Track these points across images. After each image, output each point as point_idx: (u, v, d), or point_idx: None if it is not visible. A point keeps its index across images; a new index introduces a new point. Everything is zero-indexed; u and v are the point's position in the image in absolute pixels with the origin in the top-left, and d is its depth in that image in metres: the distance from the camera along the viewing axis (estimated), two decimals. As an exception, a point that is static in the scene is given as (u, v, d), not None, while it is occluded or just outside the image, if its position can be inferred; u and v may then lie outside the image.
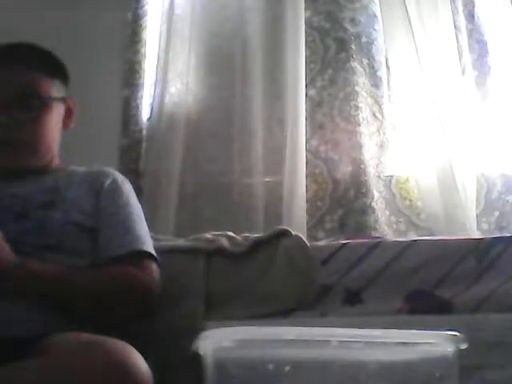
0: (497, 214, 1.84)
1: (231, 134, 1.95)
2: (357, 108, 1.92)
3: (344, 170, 1.89)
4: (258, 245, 1.54)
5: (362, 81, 1.95)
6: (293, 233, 1.55)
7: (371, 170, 1.88)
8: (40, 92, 1.39)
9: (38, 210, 1.29)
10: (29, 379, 0.93)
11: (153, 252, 1.34)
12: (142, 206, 1.49)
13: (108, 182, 1.41)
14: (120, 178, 1.46)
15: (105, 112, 1.97)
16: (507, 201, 1.85)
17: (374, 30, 2.00)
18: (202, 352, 0.83)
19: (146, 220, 1.45)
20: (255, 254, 1.52)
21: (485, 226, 1.83)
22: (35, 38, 2.03)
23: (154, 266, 1.32)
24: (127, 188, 1.45)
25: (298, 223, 1.79)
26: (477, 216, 1.82)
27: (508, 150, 1.89)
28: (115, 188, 1.41)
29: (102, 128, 1.93)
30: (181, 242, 1.59)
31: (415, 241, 1.53)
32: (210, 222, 1.84)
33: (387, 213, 1.87)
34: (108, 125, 1.97)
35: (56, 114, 1.42)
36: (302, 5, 1.98)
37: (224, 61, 2.02)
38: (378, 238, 1.71)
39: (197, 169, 1.95)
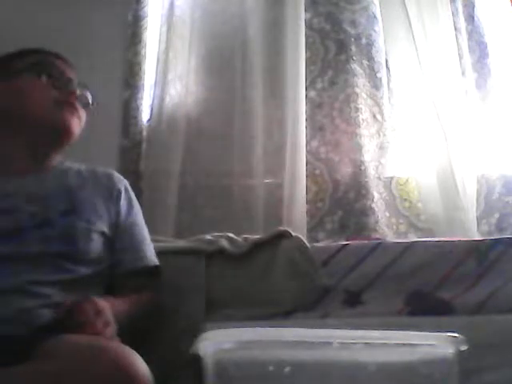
0: (497, 215, 1.84)
1: (231, 136, 1.95)
2: (357, 109, 1.92)
3: (344, 172, 1.89)
4: (258, 246, 1.54)
5: (362, 82, 1.95)
6: (293, 234, 1.55)
7: (371, 172, 1.88)
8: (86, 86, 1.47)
9: (60, 218, 1.29)
10: (32, 382, 0.92)
11: (158, 263, 1.42)
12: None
13: (123, 189, 1.44)
14: (127, 184, 1.49)
15: (105, 113, 1.97)
16: (507, 202, 1.84)
17: (374, 31, 2.00)
18: (202, 353, 0.83)
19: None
20: (255, 256, 1.52)
21: (485, 228, 1.83)
22: (35, 38, 2.03)
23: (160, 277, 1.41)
24: (134, 196, 1.48)
25: (298, 224, 1.79)
26: (477, 217, 1.82)
27: (508, 151, 1.89)
28: (129, 198, 1.45)
29: (102, 129, 1.93)
30: (181, 243, 1.60)
31: (415, 242, 1.54)
32: (210, 223, 1.84)
33: (387, 214, 1.87)
34: (108, 126, 1.97)
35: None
36: (302, 6, 1.98)
37: (224, 62, 2.02)
38: (378, 239, 1.71)
39: (197, 170, 1.95)
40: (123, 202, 1.41)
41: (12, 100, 1.36)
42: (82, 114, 1.42)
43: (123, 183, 1.46)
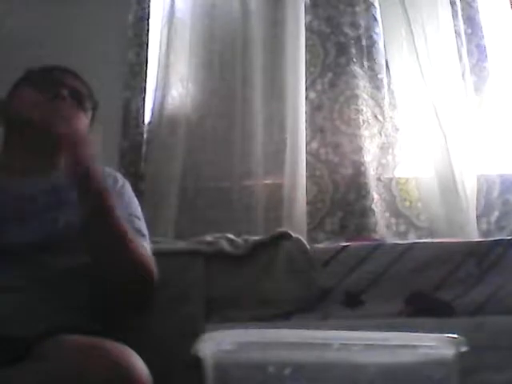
0: (496, 213, 1.85)
1: (232, 137, 1.95)
2: (357, 111, 1.92)
3: (344, 173, 1.89)
4: (258, 247, 1.54)
5: (362, 84, 1.95)
6: (293, 235, 1.55)
7: (371, 172, 1.88)
8: (90, 94, 1.50)
9: (40, 213, 1.30)
10: (31, 382, 0.93)
11: (152, 257, 1.34)
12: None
13: (110, 182, 1.42)
14: (121, 179, 1.47)
15: (105, 114, 1.96)
16: (507, 201, 1.85)
17: (375, 33, 2.00)
18: (202, 355, 0.83)
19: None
20: (255, 257, 1.52)
21: (484, 227, 1.83)
22: (36, 39, 2.04)
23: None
24: (128, 189, 1.46)
25: (298, 225, 1.79)
26: (476, 216, 1.82)
27: (507, 150, 1.90)
28: (117, 188, 1.43)
29: (102, 130, 1.93)
30: (181, 245, 1.59)
31: (415, 243, 1.53)
32: (210, 224, 1.84)
33: (387, 215, 1.87)
34: (109, 127, 1.97)
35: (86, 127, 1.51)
36: (303, 9, 1.99)
37: (224, 64, 2.03)
38: (378, 240, 1.71)
39: (197, 171, 1.95)
40: None
41: (11, 113, 1.44)
42: (74, 114, 1.44)
43: (113, 178, 1.45)
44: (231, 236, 1.59)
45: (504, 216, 1.84)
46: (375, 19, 2.01)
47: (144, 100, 2.01)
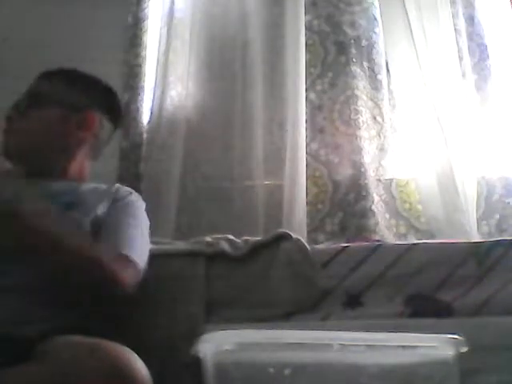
0: (497, 216, 1.84)
1: (231, 138, 1.95)
2: (357, 112, 1.92)
3: (344, 173, 1.89)
4: (258, 248, 1.53)
5: (362, 84, 1.95)
6: (293, 236, 1.55)
7: (371, 174, 1.88)
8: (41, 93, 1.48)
9: (62, 209, 1.31)
10: (31, 382, 0.93)
11: (140, 262, 1.30)
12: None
13: (121, 195, 1.43)
14: (135, 195, 1.47)
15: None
16: (507, 203, 1.85)
17: (375, 33, 2.00)
18: (202, 355, 0.83)
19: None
20: (255, 258, 1.52)
21: (485, 229, 1.83)
22: (35, 39, 2.04)
23: (134, 270, 1.28)
24: (138, 205, 1.45)
25: (298, 226, 1.79)
26: (477, 219, 1.82)
27: (508, 152, 1.89)
28: (126, 202, 1.43)
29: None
30: (181, 246, 1.59)
31: (415, 244, 1.53)
32: (210, 225, 1.84)
33: (387, 216, 1.87)
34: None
35: (54, 118, 1.47)
36: (302, 9, 1.99)
37: (224, 64, 2.03)
38: (378, 241, 1.71)
39: (197, 172, 1.95)
40: (114, 205, 1.40)
41: None
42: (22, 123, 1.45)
43: (126, 193, 1.45)
44: (231, 237, 1.59)
45: (504, 219, 1.84)
46: (375, 19, 2.01)
47: (143, 100, 2.01)
